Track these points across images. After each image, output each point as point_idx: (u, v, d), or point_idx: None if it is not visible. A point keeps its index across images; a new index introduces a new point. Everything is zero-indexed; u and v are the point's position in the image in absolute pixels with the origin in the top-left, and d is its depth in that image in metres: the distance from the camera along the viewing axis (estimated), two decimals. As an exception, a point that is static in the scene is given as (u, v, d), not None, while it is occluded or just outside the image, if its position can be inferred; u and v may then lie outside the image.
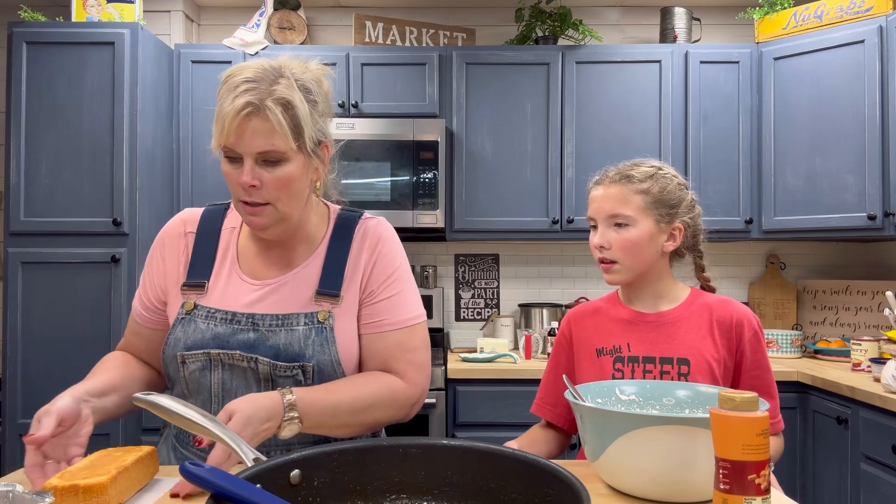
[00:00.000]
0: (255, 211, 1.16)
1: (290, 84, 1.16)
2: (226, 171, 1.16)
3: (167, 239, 1.31)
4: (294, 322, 1.21)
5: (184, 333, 1.22)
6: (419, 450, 0.87)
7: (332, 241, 1.28)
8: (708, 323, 1.38)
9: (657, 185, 1.38)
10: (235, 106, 1.10)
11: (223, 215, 1.32)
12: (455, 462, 0.86)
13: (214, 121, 1.14)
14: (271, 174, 1.14)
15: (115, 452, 1.04)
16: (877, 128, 2.65)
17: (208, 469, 0.73)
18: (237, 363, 1.20)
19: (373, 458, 0.87)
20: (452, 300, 3.39)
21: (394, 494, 0.87)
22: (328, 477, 0.85)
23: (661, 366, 1.35)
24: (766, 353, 1.40)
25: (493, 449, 0.85)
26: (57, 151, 2.66)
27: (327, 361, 1.21)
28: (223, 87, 1.15)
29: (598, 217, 1.39)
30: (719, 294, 1.48)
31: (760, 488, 0.81)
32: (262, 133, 1.12)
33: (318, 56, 3.15)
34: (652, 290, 1.42)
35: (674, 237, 1.41)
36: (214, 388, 1.22)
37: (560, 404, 1.46)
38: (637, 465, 0.98)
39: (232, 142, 1.12)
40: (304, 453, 0.85)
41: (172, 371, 1.25)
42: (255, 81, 1.13)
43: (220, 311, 1.22)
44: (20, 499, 0.95)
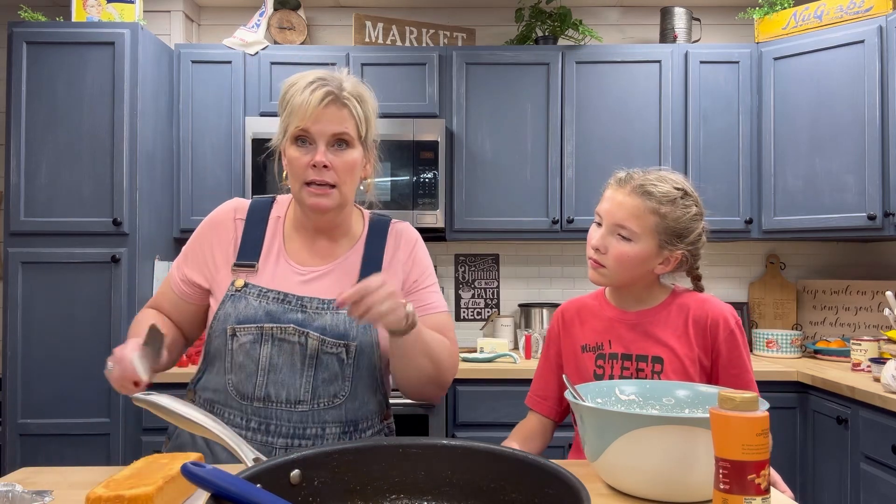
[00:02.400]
0: (323, 192, 1.30)
1: (354, 82, 1.34)
2: (294, 155, 1.30)
3: (218, 223, 1.41)
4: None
5: (234, 308, 1.31)
6: (419, 450, 0.88)
7: (370, 238, 1.43)
8: (683, 322, 1.40)
9: (676, 212, 1.36)
10: (318, 94, 1.27)
11: (270, 206, 1.44)
12: (455, 462, 0.86)
13: (286, 113, 1.30)
14: (340, 158, 1.30)
15: (161, 459, 1.03)
16: (877, 128, 2.65)
17: (209, 469, 0.73)
18: (288, 337, 1.30)
19: (373, 458, 0.88)
20: (452, 300, 3.38)
21: (394, 494, 0.87)
22: (328, 477, 0.85)
23: (636, 363, 1.39)
24: (746, 351, 1.40)
25: (493, 449, 0.85)
26: (57, 151, 2.66)
27: (368, 343, 1.33)
28: (293, 89, 1.30)
29: (606, 220, 1.39)
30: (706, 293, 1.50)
31: (760, 488, 0.81)
32: (338, 119, 1.29)
33: (318, 56, 3.17)
34: (636, 293, 1.45)
35: (668, 263, 1.40)
36: (262, 362, 1.30)
37: (550, 397, 1.52)
38: (637, 465, 0.98)
39: (309, 125, 1.27)
40: (303, 453, 0.85)
41: (219, 344, 1.33)
42: (325, 79, 1.30)
43: (272, 291, 1.33)
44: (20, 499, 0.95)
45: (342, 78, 1.32)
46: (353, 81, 1.33)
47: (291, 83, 1.32)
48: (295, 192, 1.34)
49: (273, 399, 1.29)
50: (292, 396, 1.30)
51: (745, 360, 1.39)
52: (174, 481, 0.96)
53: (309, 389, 1.30)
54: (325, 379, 1.31)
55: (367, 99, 1.33)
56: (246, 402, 1.30)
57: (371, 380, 1.36)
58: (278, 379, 1.29)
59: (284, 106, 1.31)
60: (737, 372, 1.37)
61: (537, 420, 1.52)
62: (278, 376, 1.29)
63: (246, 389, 1.30)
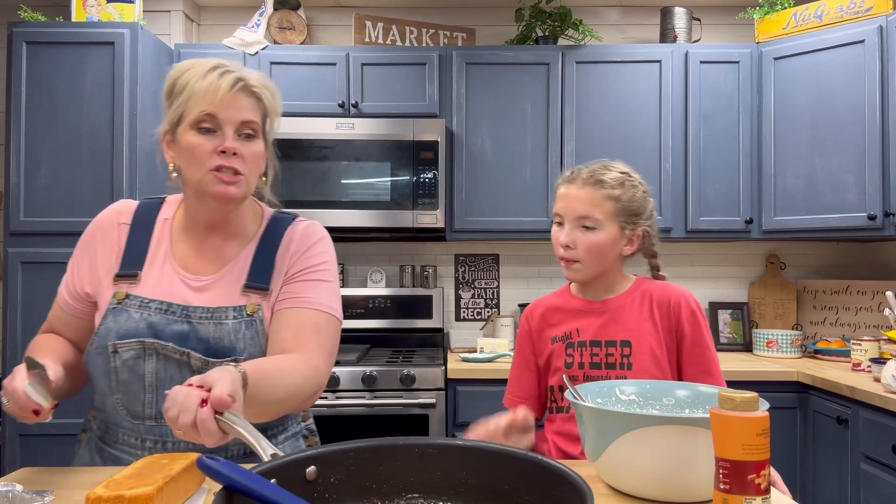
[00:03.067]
0: (232, 180, 1.21)
1: (263, 76, 1.28)
2: (197, 142, 1.20)
3: (99, 229, 1.32)
4: (223, 316, 1.23)
5: (115, 323, 1.22)
6: (435, 450, 0.87)
7: (263, 239, 1.32)
8: (649, 307, 1.46)
9: (627, 193, 1.44)
10: (229, 79, 1.20)
11: (158, 208, 1.35)
12: (470, 463, 0.86)
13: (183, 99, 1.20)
14: (247, 147, 1.23)
15: (162, 460, 1.02)
16: (877, 128, 2.65)
17: (223, 462, 0.74)
18: (171, 355, 1.21)
19: (389, 457, 0.87)
20: (452, 300, 3.38)
21: (410, 493, 0.87)
22: (344, 474, 0.85)
23: (606, 348, 1.44)
24: (707, 332, 1.46)
25: (509, 450, 0.84)
26: (57, 151, 2.66)
27: (258, 354, 1.23)
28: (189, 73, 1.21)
29: (567, 216, 1.44)
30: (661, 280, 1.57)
31: (760, 488, 0.80)
32: (248, 107, 1.23)
33: (318, 56, 3.18)
34: (603, 284, 1.50)
35: (632, 242, 1.48)
36: (149, 378, 1.21)
37: (529, 396, 1.54)
38: (637, 465, 0.98)
39: (218, 110, 1.19)
40: (320, 450, 0.85)
41: (101, 362, 1.22)
42: (230, 67, 1.23)
43: (154, 301, 1.23)
44: (20, 499, 0.95)
45: (245, 68, 1.26)
46: (258, 73, 1.27)
47: (185, 68, 1.23)
48: (196, 179, 1.22)
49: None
50: None
51: (708, 339, 1.45)
52: (174, 481, 0.96)
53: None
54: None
55: (275, 93, 1.28)
56: (138, 421, 1.22)
57: None
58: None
59: (178, 92, 1.21)
60: (699, 351, 1.44)
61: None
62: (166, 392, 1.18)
63: (135, 408, 1.21)
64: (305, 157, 2.85)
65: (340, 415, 2.57)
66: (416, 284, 3.30)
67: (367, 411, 2.60)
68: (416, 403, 2.61)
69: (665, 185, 2.98)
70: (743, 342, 3.23)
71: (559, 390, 1.48)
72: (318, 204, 2.86)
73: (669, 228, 2.99)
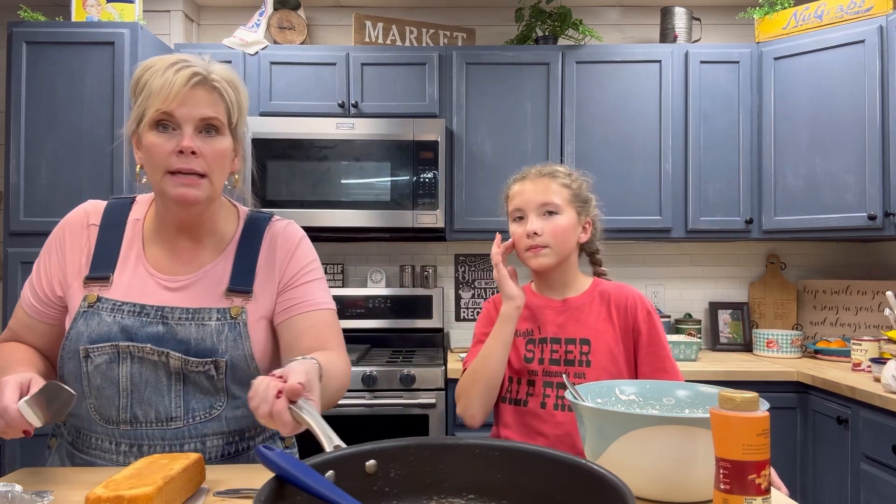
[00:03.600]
0: (191, 181, 1.17)
1: (221, 68, 1.21)
2: (156, 142, 1.16)
3: (68, 230, 1.28)
4: (206, 317, 1.22)
5: (87, 327, 1.19)
6: (496, 452, 0.87)
7: (242, 240, 1.30)
8: (607, 307, 1.53)
9: (575, 182, 1.56)
10: (184, 74, 1.14)
11: (128, 208, 1.31)
12: (529, 467, 0.85)
13: (143, 97, 1.16)
14: (209, 145, 1.18)
15: (161, 460, 1.02)
16: (877, 128, 2.65)
17: (278, 452, 0.76)
18: (147, 356, 1.19)
19: (450, 456, 0.88)
20: (452, 300, 3.38)
21: (470, 494, 0.87)
22: (405, 470, 0.86)
23: (566, 346, 1.50)
24: (662, 331, 1.52)
25: (570, 459, 0.83)
26: (57, 151, 2.66)
27: (241, 357, 1.22)
28: (150, 71, 1.17)
29: (528, 207, 1.52)
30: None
31: (761, 488, 0.80)
32: (207, 102, 1.17)
33: (317, 56, 3.17)
34: (562, 279, 1.57)
35: (586, 230, 1.57)
36: (123, 383, 1.19)
37: None
38: (637, 465, 0.98)
39: (174, 107, 1.14)
40: (381, 445, 0.86)
41: (72, 367, 1.20)
42: (191, 62, 1.18)
43: (127, 304, 1.20)
44: (20, 499, 0.95)
45: (208, 62, 1.20)
46: (222, 67, 1.21)
47: (147, 66, 1.18)
48: (155, 183, 1.19)
49: (141, 420, 1.18)
50: (163, 414, 1.19)
51: (662, 338, 1.51)
52: (174, 481, 0.96)
53: (181, 405, 1.19)
54: (196, 392, 1.20)
55: (238, 86, 1.22)
56: (112, 426, 1.19)
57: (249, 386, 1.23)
58: (143, 398, 1.18)
59: (140, 90, 1.17)
60: (654, 349, 1.49)
61: None
62: (143, 395, 1.18)
63: (109, 413, 1.19)
64: (305, 157, 2.85)
65: (340, 415, 2.57)
66: (416, 284, 3.30)
67: (367, 411, 2.60)
68: (416, 403, 2.61)
69: (665, 185, 2.98)
70: (743, 342, 3.23)
71: (517, 383, 1.53)
72: (318, 204, 2.86)
73: (669, 228, 2.99)
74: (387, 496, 0.85)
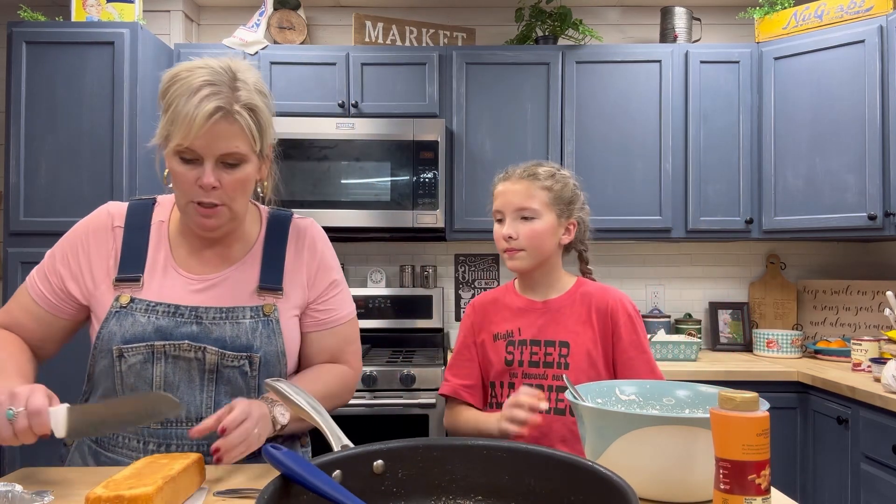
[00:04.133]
0: (210, 213, 1.19)
1: (249, 87, 1.18)
2: (179, 171, 1.17)
3: (93, 231, 1.29)
4: (240, 315, 1.25)
5: (120, 327, 1.21)
6: (504, 453, 0.88)
7: (268, 240, 1.33)
8: (587, 310, 1.52)
9: (558, 183, 1.53)
10: (206, 110, 1.12)
11: (151, 209, 1.32)
12: (538, 469, 0.85)
13: (168, 119, 1.15)
14: (231, 175, 1.18)
15: (161, 460, 1.02)
16: (877, 128, 2.65)
17: (286, 451, 0.77)
18: (183, 354, 1.21)
19: (458, 457, 0.88)
20: (452, 300, 3.38)
21: (478, 495, 0.87)
22: (413, 470, 0.86)
23: (545, 348, 1.50)
24: (644, 337, 1.52)
25: (576, 460, 0.84)
26: (57, 151, 2.66)
27: (273, 353, 1.26)
28: (177, 87, 1.15)
29: (507, 210, 1.53)
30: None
31: (761, 488, 0.80)
32: (228, 136, 1.15)
33: (317, 56, 3.17)
34: (545, 280, 1.57)
35: (569, 231, 1.56)
36: (157, 382, 1.21)
37: (476, 386, 1.59)
38: (637, 465, 0.98)
39: (198, 144, 1.14)
40: (389, 445, 0.87)
41: (105, 365, 1.23)
42: (216, 84, 1.14)
43: (161, 304, 1.23)
44: (20, 499, 0.95)
45: (238, 81, 1.16)
46: (248, 86, 1.17)
47: (177, 78, 1.16)
48: (180, 205, 1.22)
49: (172, 419, 1.21)
50: (193, 413, 1.22)
51: (644, 342, 1.51)
52: (174, 481, 0.96)
53: (211, 405, 1.22)
54: (228, 392, 1.23)
55: (261, 107, 1.18)
56: (142, 424, 1.21)
57: None
58: (176, 398, 1.18)
59: (168, 105, 1.15)
60: (633, 354, 1.49)
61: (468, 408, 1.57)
62: (175, 395, 1.20)
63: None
64: (305, 157, 2.85)
65: (340, 415, 2.55)
66: (416, 284, 3.30)
67: (367, 411, 2.60)
68: (416, 403, 2.61)
69: (665, 185, 2.98)
70: (743, 342, 3.23)
71: (500, 386, 1.53)
72: (318, 204, 2.86)
73: (669, 228, 2.99)
74: (394, 496, 0.85)
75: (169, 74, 1.18)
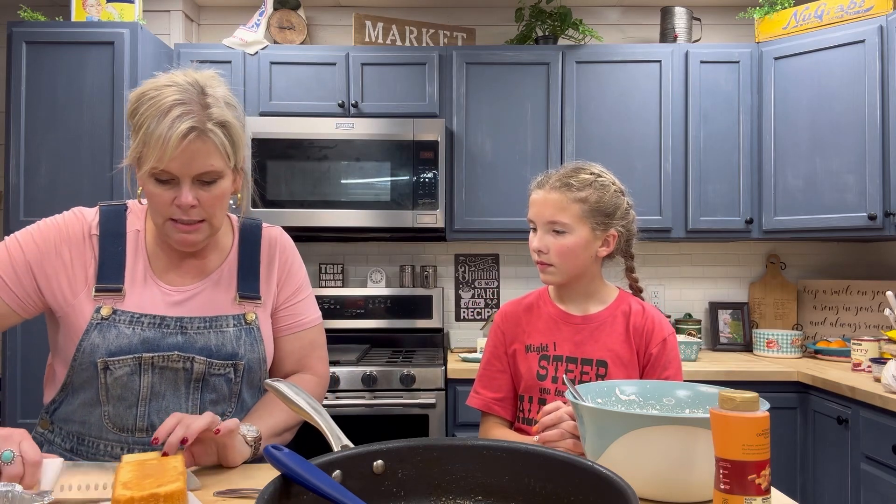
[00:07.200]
0: (191, 229, 1.20)
1: (219, 103, 1.17)
2: (155, 192, 1.16)
3: (70, 238, 1.24)
4: (223, 324, 1.27)
5: (103, 339, 1.20)
6: (504, 453, 0.87)
7: (242, 249, 1.34)
8: (625, 327, 1.46)
9: (595, 193, 1.43)
10: (179, 131, 1.10)
11: (124, 216, 1.29)
12: (537, 469, 0.85)
13: (140, 141, 1.12)
14: (208, 192, 1.18)
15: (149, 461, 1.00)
16: (877, 128, 2.65)
17: (286, 452, 0.77)
18: (171, 364, 1.22)
19: (458, 457, 0.88)
20: (452, 300, 3.38)
21: (478, 495, 0.87)
22: (412, 470, 0.86)
23: (581, 366, 1.44)
24: (676, 363, 1.45)
25: (575, 460, 0.83)
26: (57, 151, 2.66)
27: (256, 359, 1.29)
28: (146, 108, 1.13)
29: (538, 221, 1.45)
30: (646, 298, 1.56)
31: (761, 488, 0.80)
32: (203, 155, 1.14)
33: (317, 56, 3.17)
34: (582, 290, 1.49)
35: (608, 243, 1.46)
36: (143, 392, 1.22)
37: (506, 399, 1.51)
38: (637, 465, 0.98)
39: (173, 166, 1.13)
40: (389, 445, 0.86)
41: (87, 377, 1.21)
42: (186, 103, 1.13)
43: (146, 316, 1.22)
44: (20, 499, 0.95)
45: (207, 97, 1.15)
46: (219, 102, 1.16)
47: (144, 98, 1.13)
48: (157, 224, 1.21)
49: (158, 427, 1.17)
50: None
51: (672, 369, 1.44)
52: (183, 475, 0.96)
53: (197, 412, 1.24)
54: (212, 399, 1.26)
55: (232, 122, 1.17)
56: (125, 433, 1.22)
57: (258, 391, 1.33)
58: (161, 406, 1.22)
59: (138, 126, 1.13)
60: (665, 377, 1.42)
61: (500, 423, 1.51)
62: (161, 403, 1.22)
63: (125, 422, 1.21)
64: (305, 157, 2.85)
65: (340, 415, 2.56)
66: (416, 284, 3.30)
67: (367, 411, 2.60)
68: (416, 403, 2.61)
69: (665, 185, 2.98)
70: (743, 342, 3.23)
71: (529, 401, 1.47)
72: (318, 204, 2.86)
73: (669, 228, 2.99)
74: (394, 497, 0.85)
75: (135, 94, 1.16)
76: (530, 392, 1.47)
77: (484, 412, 1.53)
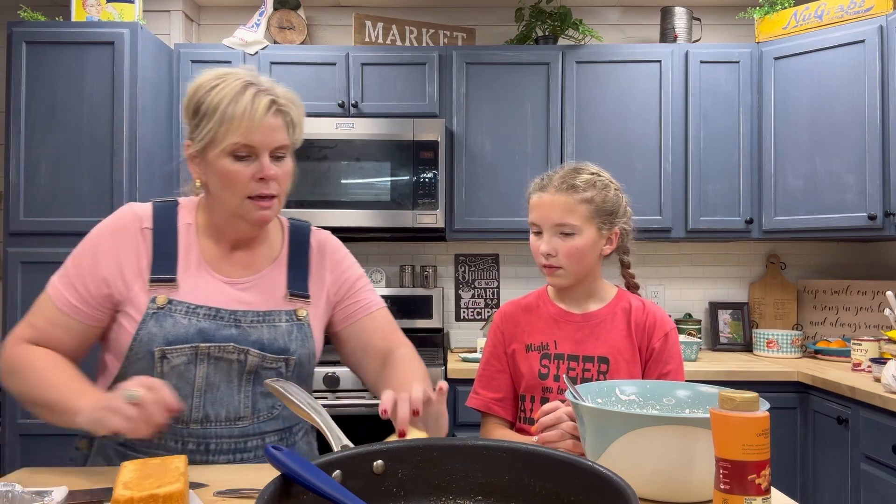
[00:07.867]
0: (268, 204, 1.23)
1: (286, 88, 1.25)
2: (234, 169, 1.20)
3: (120, 232, 1.27)
4: (276, 319, 1.29)
5: (160, 328, 1.21)
6: (504, 453, 0.87)
7: (292, 248, 1.36)
8: (626, 324, 1.46)
9: (599, 193, 1.43)
10: (263, 103, 1.17)
11: (175, 211, 1.32)
12: (537, 469, 0.85)
13: (216, 122, 1.18)
14: (281, 168, 1.23)
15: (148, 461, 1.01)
16: (877, 128, 2.65)
17: (286, 452, 0.77)
18: (226, 356, 1.24)
19: (458, 457, 0.88)
20: (452, 300, 3.38)
21: (478, 496, 0.87)
22: (412, 470, 0.86)
23: (583, 364, 1.44)
24: (678, 357, 1.47)
25: (575, 460, 0.83)
26: (57, 151, 2.66)
27: (306, 355, 1.31)
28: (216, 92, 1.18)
29: (544, 224, 1.44)
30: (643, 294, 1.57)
31: (761, 488, 0.80)
32: (279, 129, 1.21)
33: (317, 56, 3.17)
34: (584, 290, 1.49)
35: (611, 241, 1.47)
36: (198, 382, 1.23)
37: (506, 399, 1.51)
38: (637, 464, 0.98)
39: (256, 139, 1.18)
40: (389, 445, 0.87)
41: (143, 367, 1.21)
42: (257, 84, 1.20)
43: (202, 307, 1.24)
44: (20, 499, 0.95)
45: (270, 80, 1.24)
46: (282, 87, 1.24)
47: (211, 85, 1.19)
48: (233, 206, 1.23)
49: (212, 419, 1.24)
50: (232, 413, 1.25)
51: (674, 363, 1.45)
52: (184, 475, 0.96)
53: (249, 405, 1.26)
54: (263, 392, 1.27)
55: (298, 103, 1.26)
56: (181, 425, 1.23)
57: (304, 385, 1.33)
58: (216, 398, 1.24)
59: (207, 113, 1.18)
60: (664, 372, 1.44)
61: (500, 423, 1.51)
62: (216, 395, 1.24)
63: (180, 413, 1.19)
64: (305, 157, 2.85)
65: (340, 415, 2.56)
66: (416, 284, 3.30)
67: (367, 411, 2.60)
68: (416, 403, 2.61)
69: (665, 185, 2.98)
70: (743, 342, 3.23)
71: (531, 400, 1.47)
72: (318, 204, 2.86)
73: (669, 228, 2.99)
74: (394, 497, 0.85)
75: (196, 85, 1.21)
76: (532, 392, 1.46)
77: (484, 413, 1.52)
